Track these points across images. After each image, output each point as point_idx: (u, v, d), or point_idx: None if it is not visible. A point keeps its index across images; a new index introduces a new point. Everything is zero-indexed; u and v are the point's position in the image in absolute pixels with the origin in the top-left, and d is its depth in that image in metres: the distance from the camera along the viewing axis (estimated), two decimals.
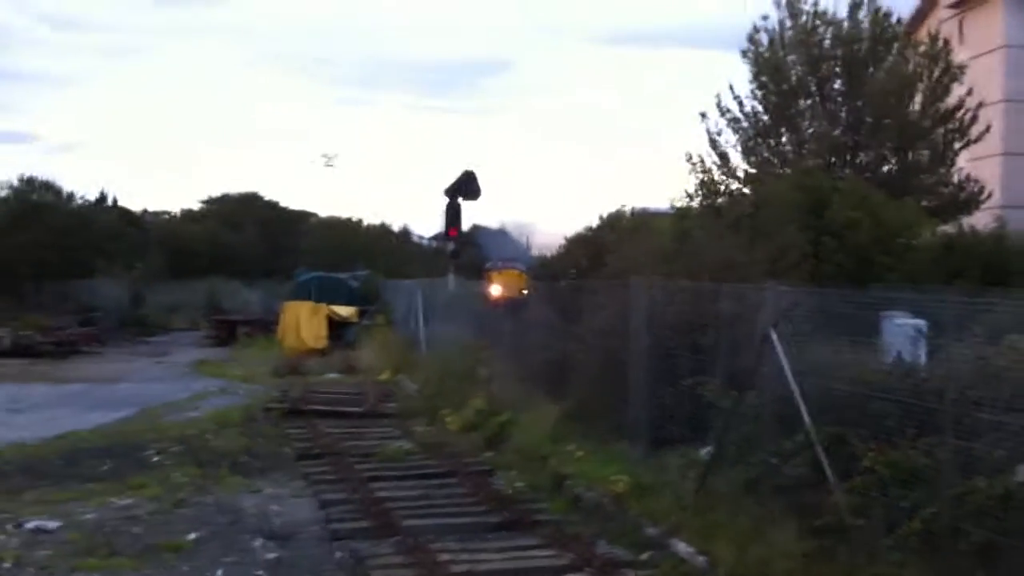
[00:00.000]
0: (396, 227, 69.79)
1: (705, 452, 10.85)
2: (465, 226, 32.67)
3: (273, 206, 70.03)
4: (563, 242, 43.70)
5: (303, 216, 70.36)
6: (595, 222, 42.25)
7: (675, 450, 11.48)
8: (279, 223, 66.52)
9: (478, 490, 13.10)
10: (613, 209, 45.38)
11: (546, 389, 16.36)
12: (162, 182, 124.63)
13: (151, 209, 69.99)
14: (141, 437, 17.14)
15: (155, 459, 15.27)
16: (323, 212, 71.43)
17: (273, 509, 12.52)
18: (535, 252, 42.41)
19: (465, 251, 35.08)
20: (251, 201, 69.48)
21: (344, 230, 64.96)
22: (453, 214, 27.72)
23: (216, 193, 72.12)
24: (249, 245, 62.50)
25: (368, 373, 27.88)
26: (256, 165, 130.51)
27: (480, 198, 28.18)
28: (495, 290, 22.15)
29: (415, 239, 67.86)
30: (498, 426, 16.20)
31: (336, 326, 36.09)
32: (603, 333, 14.47)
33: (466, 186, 27.55)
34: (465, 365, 20.08)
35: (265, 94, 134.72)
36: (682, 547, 9.59)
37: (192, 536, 11.12)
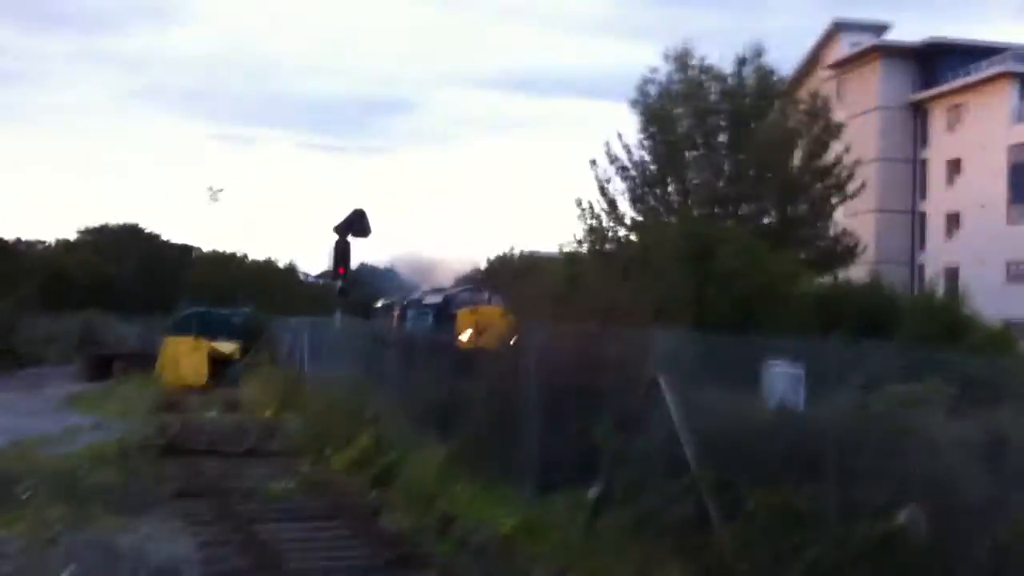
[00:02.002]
0: (282, 264, 68.96)
1: (593, 492, 10.90)
2: (354, 264, 32.48)
3: (154, 238, 68.39)
4: (452, 283, 43.24)
5: (186, 250, 68.89)
6: (484, 264, 42.41)
7: (564, 491, 11.50)
8: (160, 256, 64.98)
9: (363, 531, 12.90)
10: (502, 252, 45.33)
11: (435, 428, 16.25)
12: (38, 210, 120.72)
13: (25, 238, 67.68)
14: (12, 471, 16.38)
15: (26, 495, 14.61)
16: (207, 247, 70.08)
17: (149, 548, 12.09)
18: (425, 291, 41.98)
19: (353, 289, 34.72)
20: (131, 233, 67.70)
21: (228, 265, 63.80)
22: (342, 252, 27.51)
23: (95, 223, 70.09)
24: (128, 278, 60.83)
25: (251, 411, 27.28)
26: (139, 197, 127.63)
27: (370, 236, 28.02)
28: (465, 336, 18.15)
29: (302, 276, 67.08)
30: (385, 466, 16.00)
31: (218, 363, 35.29)
32: (493, 373, 14.47)
33: (356, 224, 27.39)
34: (352, 403, 19.81)
35: (151, 126, 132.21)
36: None
37: None
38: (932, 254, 55.64)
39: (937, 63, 57.06)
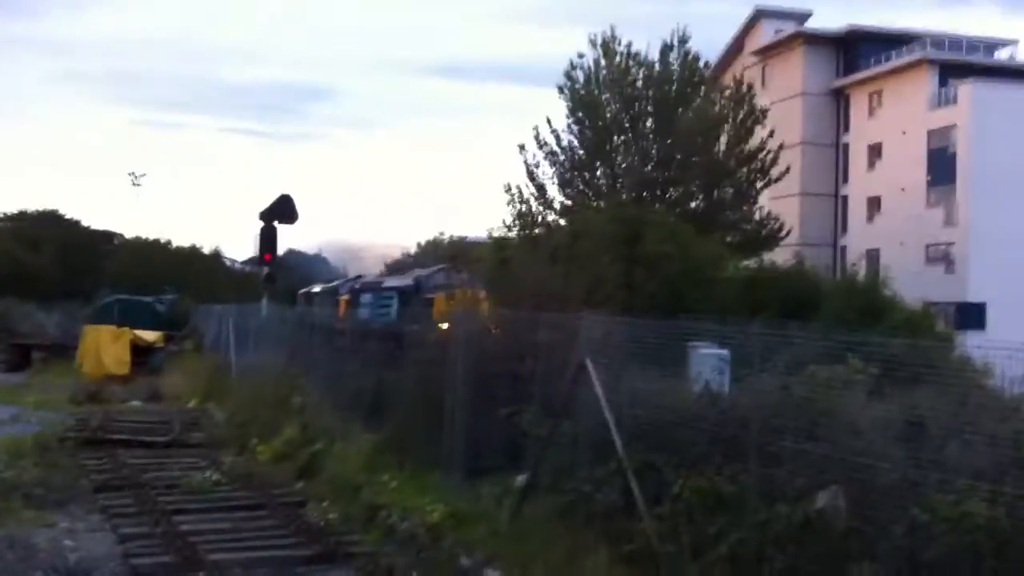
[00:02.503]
0: (208, 250, 67.82)
1: (520, 480, 10.88)
2: (281, 251, 31.99)
3: (74, 225, 66.75)
4: (383, 268, 42.87)
5: (107, 236, 67.37)
6: (414, 249, 42.13)
7: (492, 478, 11.46)
8: (81, 243, 63.44)
9: (289, 522, 12.72)
10: (431, 237, 45.07)
11: (363, 418, 16.10)
12: None
13: None
14: None
15: None
16: (131, 233, 68.58)
17: (68, 544, 11.81)
18: (354, 277, 41.49)
19: (281, 276, 34.19)
20: (50, 219, 65.99)
21: (151, 252, 62.53)
22: (268, 238, 27.08)
23: (12, 209, 68.22)
24: (47, 266, 59.36)
25: (175, 400, 26.83)
26: (61, 184, 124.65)
27: (296, 222, 27.59)
28: (445, 325, 17.33)
29: (227, 263, 66.08)
30: (310, 456, 15.80)
31: (141, 351, 34.66)
32: (421, 361, 14.37)
33: (282, 210, 26.96)
34: (278, 393, 19.53)
35: (71, 112, 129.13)
36: None
37: None
38: (854, 237, 56.71)
39: (858, 50, 58.08)
